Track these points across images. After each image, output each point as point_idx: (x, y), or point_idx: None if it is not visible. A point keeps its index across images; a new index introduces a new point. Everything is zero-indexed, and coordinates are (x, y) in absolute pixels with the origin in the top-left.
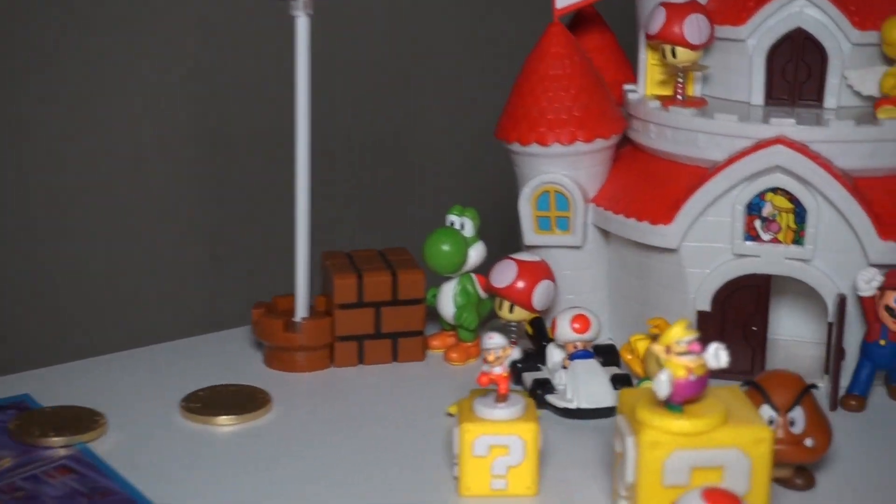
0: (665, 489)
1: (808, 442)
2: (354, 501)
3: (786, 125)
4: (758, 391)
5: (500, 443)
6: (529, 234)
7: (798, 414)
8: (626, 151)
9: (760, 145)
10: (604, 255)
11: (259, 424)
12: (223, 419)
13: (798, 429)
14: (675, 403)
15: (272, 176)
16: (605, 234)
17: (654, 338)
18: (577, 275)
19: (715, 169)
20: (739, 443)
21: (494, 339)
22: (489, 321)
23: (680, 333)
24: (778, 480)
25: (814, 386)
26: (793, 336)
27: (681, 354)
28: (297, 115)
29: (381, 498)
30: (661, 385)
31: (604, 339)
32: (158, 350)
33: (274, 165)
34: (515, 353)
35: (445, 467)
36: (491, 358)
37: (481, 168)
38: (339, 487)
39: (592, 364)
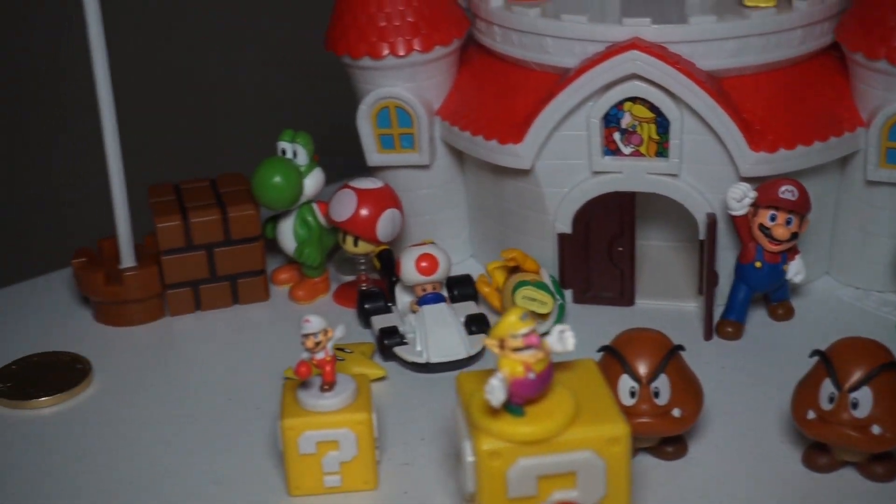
0: (510, 501)
1: (676, 412)
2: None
3: (641, 25)
4: (616, 359)
5: (329, 438)
6: (372, 155)
7: (662, 383)
8: (474, 52)
9: (613, 51)
10: (458, 169)
11: (79, 403)
12: (37, 402)
13: (663, 399)
14: (515, 405)
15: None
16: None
17: (512, 270)
18: (432, 193)
19: (565, 80)
20: (592, 444)
21: (312, 323)
22: (336, 252)
23: (514, 326)
24: (646, 450)
25: (680, 348)
26: (663, 241)
27: (517, 350)
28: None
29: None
30: (495, 392)
31: (465, 258)
32: None
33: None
34: (339, 333)
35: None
36: (310, 344)
37: (320, 85)
38: (156, 482)
39: (442, 310)
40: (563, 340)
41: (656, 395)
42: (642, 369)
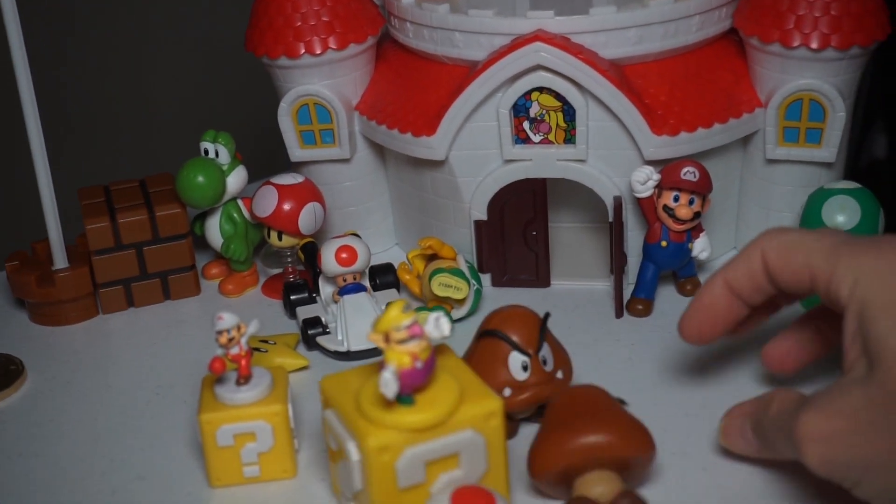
0: (401, 492)
1: (559, 374)
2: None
3: (545, 17)
4: (500, 340)
5: (245, 430)
6: (294, 150)
7: (546, 351)
8: (390, 48)
9: (518, 44)
10: (380, 162)
11: (11, 404)
12: None
13: (549, 366)
14: (406, 395)
15: None
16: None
17: (430, 257)
18: (355, 185)
19: (474, 73)
20: (472, 423)
21: (225, 320)
22: (264, 247)
23: (397, 318)
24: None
25: (548, 316)
26: (575, 224)
27: (401, 342)
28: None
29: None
30: (389, 384)
31: (391, 247)
32: None
33: None
34: (253, 328)
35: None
36: (223, 340)
37: (244, 84)
38: (82, 481)
39: (362, 300)
40: (439, 327)
41: (544, 362)
42: (528, 343)
